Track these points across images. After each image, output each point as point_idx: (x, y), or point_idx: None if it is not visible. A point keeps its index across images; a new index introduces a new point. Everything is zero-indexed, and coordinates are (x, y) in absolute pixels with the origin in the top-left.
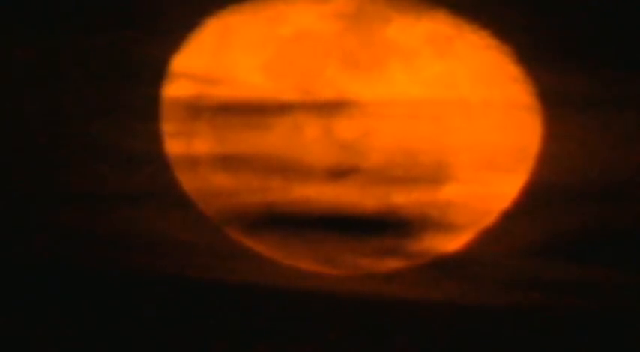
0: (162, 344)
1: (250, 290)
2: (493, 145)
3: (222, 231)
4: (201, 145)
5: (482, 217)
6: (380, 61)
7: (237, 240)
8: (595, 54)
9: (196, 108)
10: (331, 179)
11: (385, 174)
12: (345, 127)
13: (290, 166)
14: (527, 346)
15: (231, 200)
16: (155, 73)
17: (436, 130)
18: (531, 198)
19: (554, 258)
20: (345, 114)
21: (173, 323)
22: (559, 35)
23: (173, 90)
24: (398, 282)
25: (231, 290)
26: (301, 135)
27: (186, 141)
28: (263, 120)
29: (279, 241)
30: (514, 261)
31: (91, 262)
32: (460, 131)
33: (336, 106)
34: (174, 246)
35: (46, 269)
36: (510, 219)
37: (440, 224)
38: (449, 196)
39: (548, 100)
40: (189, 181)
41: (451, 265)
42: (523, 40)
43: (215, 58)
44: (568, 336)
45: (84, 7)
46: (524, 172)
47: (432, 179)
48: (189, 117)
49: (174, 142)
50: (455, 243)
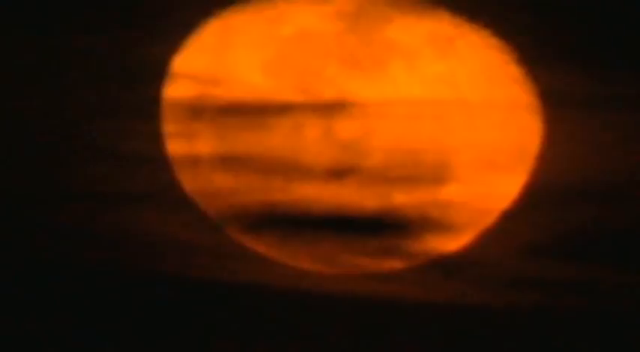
0: (162, 344)
1: (250, 290)
2: (493, 145)
3: (223, 231)
4: (202, 145)
5: (483, 217)
6: (380, 61)
7: (237, 240)
8: (595, 54)
9: (197, 109)
10: (332, 179)
11: (385, 174)
12: (346, 127)
13: (290, 166)
14: (527, 346)
15: (232, 200)
16: (155, 73)
17: (436, 130)
18: (531, 198)
19: (554, 257)
20: (346, 114)
21: (173, 323)
22: (559, 35)
23: (173, 90)
24: (398, 282)
25: (231, 290)
26: (302, 135)
27: (187, 142)
28: (263, 120)
29: (279, 241)
30: (514, 261)
31: (91, 262)
32: (460, 131)
33: (337, 106)
34: (174, 246)
35: (46, 269)
36: (510, 219)
37: (440, 224)
38: (449, 196)
39: (548, 100)
40: (189, 181)
41: (451, 265)
42: (524, 40)
43: (216, 58)
44: (568, 336)
45: (84, 7)
46: (524, 172)
47: (432, 179)
48: (189, 118)
49: (174, 142)
50: (455, 243)
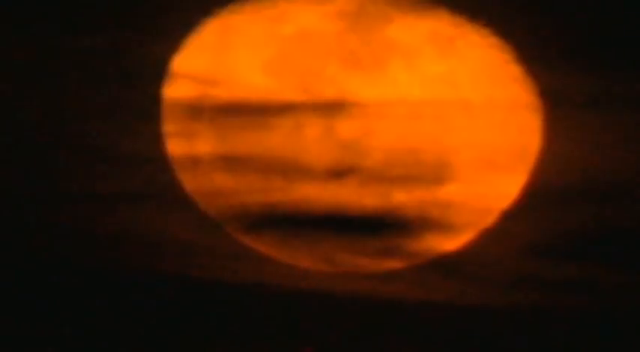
0: (162, 344)
1: (250, 289)
2: (493, 145)
3: (223, 231)
4: (202, 145)
5: (483, 217)
6: (381, 61)
7: (237, 239)
8: (595, 54)
9: (197, 109)
10: (332, 178)
11: (386, 173)
12: (346, 127)
13: (291, 166)
14: (527, 345)
15: (232, 200)
16: (156, 73)
17: (437, 129)
18: (531, 198)
19: (554, 257)
20: (346, 113)
21: (173, 323)
22: (560, 35)
23: (174, 90)
24: (398, 282)
25: (231, 289)
26: (302, 134)
27: (187, 142)
28: (264, 120)
29: (279, 241)
30: (514, 261)
31: (91, 262)
32: (461, 130)
33: (337, 106)
34: (174, 246)
35: (46, 269)
36: (510, 218)
37: (440, 223)
38: (449, 196)
39: (548, 100)
40: (189, 181)
41: (451, 265)
42: (524, 40)
43: (216, 57)
44: (568, 336)
45: (84, 7)
46: (524, 172)
47: (432, 178)
48: (189, 118)
49: (174, 142)
50: (455, 243)
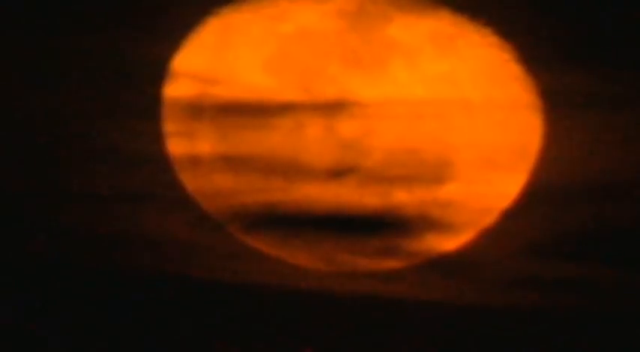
0: (162, 344)
1: (251, 289)
2: (494, 144)
3: (223, 231)
4: (203, 145)
5: (483, 216)
6: (381, 60)
7: (238, 239)
8: (595, 53)
9: (197, 108)
10: (332, 178)
11: (386, 173)
12: (347, 126)
13: (291, 166)
14: (527, 346)
15: (232, 199)
16: (156, 72)
17: (437, 129)
18: (531, 197)
19: (554, 257)
20: (347, 113)
21: (173, 323)
22: (560, 34)
23: (174, 90)
24: (398, 281)
25: (232, 289)
26: (303, 134)
27: (188, 141)
28: (264, 119)
29: (280, 240)
30: (514, 261)
31: (91, 262)
32: (461, 130)
33: (338, 105)
34: (175, 246)
35: (46, 269)
36: (510, 218)
37: (440, 223)
38: (449, 195)
39: (548, 100)
40: (190, 181)
41: (451, 265)
42: (525, 39)
43: (216, 57)
44: (568, 336)
45: (84, 7)
46: (524, 171)
47: (432, 178)
48: (190, 117)
49: (175, 142)
50: (455, 242)
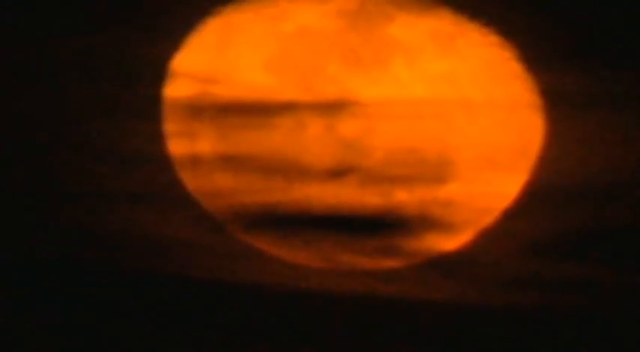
0: (162, 343)
1: (251, 289)
2: (494, 144)
3: (224, 231)
4: (203, 145)
5: (483, 216)
6: (382, 59)
7: (238, 239)
8: (595, 53)
9: (197, 108)
10: (333, 177)
11: (386, 172)
12: (347, 126)
13: (292, 165)
14: (527, 346)
15: (233, 199)
16: (156, 72)
17: (437, 128)
18: (532, 197)
19: (554, 257)
20: (347, 112)
21: (174, 323)
22: (561, 34)
23: (174, 89)
24: (398, 281)
25: (232, 289)
26: (303, 133)
27: (188, 141)
28: (264, 119)
29: (280, 240)
30: (514, 261)
31: (91, 262)
32: (461, 129)
33: (338, 104)
34: (174, 246)
35: (47, 269)
36: (511, 218)
37: (440, 223)
38: (450, 195)
39: (548, 99)
40: (190, 181)
41: (451, 265)
42: (525, 39)
43: (216, 56)
44: (568, 336)
45: (84, 7)
46: (525, 171)
47: (433, 177)
48: (190, 117)
49: (175, 142)
50: (455, 242)
